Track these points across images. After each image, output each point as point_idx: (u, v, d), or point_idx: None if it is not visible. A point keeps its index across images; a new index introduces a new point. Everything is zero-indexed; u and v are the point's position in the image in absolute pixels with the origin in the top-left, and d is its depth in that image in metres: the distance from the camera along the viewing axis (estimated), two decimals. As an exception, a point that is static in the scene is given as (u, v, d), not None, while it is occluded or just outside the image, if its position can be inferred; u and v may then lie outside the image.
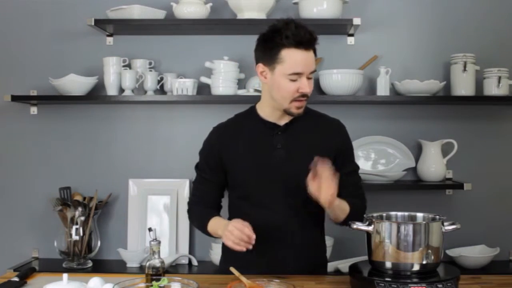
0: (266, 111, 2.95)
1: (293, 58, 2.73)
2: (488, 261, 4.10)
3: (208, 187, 3.05)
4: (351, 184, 2.97)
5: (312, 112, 3.05)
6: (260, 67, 2.86)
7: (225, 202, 3.11)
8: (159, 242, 2.60)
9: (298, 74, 2.75)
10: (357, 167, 3.08)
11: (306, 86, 2.77)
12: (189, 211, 3.14)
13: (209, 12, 4.20)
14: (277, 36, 2.75)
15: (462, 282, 2.59)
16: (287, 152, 2.88)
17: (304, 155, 2.84)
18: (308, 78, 2.79)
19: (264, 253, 2.90)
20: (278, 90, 2.81)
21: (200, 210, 3.04)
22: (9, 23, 4.42)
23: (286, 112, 2.86)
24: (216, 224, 2.89)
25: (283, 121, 2.94)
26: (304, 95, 2.80)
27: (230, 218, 3.03)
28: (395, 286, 2.42)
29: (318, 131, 2.96)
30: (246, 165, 2.94)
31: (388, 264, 2.53)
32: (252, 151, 2.93)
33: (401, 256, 2.51)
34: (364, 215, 2.72)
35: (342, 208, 2.83)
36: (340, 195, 2.83)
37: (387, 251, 2.53)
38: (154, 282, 2.46)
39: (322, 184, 2.62)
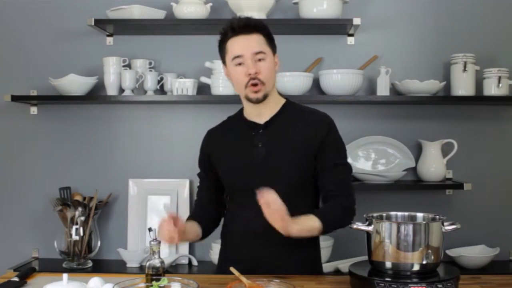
0: (246, 109, 3.01)
1: (232, 44, 2.86)
2: (488, 261, 4.10)
3: (203, 190, 3.15)
4: (331, 181, 2.91)
5: (297, 107, 3.04)
6: (223, 68, 3.00)
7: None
8: (159, 242, 2.60)
9: (239, 56, 2.84)
10: (344, 162, 2.97)
11: (250, 67, 2.82)
12: None
13: (209, 12, 4.20)
14: (222, 34, 2.92)
15: (462, 282, 2.58)
16: (267, 150, 2.89)
17: (285, 152, 2.88)
18: (258, 60, 2.84)
19: (252, 252, 2.92)
20: (233, 80, 2.94)
21: (193, 212, 3.17)
22: (9, 23, 4.42)
23: (248, 100, 2.90)
24: None
25: (263, 119, 2.95)
26: (254, 78, 2.83)
27: (225, 220, 3.13)
28: (395, 286, 2.42)
29: (300, 126, 2.93)
30: (230, 166, 2.98)
31: (388, 264, 2.53)
32: (235, 152, 2.96)
33: (401, 256, 2.50)
34: (364, 215, 2.70)
35: (308, 229, 2.76)
36: (322, 196, 2.94)
37: (387, 251, 2.52)
38: (154, 282, 2.46)
39: (273, 213, 2.63)
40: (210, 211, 3.12)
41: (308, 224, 2.76)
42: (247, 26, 2.85)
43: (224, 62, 2.96)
